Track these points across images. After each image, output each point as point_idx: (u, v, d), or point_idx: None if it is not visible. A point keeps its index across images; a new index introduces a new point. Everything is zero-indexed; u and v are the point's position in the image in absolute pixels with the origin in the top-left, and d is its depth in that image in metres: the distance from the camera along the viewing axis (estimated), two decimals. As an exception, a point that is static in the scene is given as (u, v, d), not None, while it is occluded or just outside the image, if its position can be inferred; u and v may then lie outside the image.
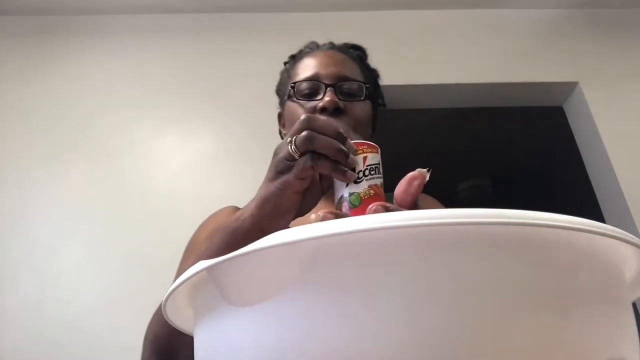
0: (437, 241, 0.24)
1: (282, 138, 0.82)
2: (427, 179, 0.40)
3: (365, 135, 0.76)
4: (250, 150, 1.66)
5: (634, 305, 1.42)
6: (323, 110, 0.69)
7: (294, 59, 0.85)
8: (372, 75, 0.85)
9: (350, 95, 0.74)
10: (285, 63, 0.88)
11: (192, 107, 1.76)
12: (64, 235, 1.54)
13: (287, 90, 0.78)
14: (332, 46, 0.82)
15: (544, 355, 0.23)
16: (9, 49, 1.88)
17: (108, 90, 1.81)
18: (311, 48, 0.83)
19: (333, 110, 0.69)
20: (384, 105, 0.87)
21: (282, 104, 0.83)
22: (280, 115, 0.86)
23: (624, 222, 1.69)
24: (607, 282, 0.27)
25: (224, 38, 1.95)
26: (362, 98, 0.74)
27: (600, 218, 1.78)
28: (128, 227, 1.55)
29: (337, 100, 0.70)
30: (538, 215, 0.24)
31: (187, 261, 0.63)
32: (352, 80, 0.75)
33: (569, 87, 1.96)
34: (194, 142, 1.68)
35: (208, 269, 0.27)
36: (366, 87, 0.75)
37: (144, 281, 1.42)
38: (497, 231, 0.24)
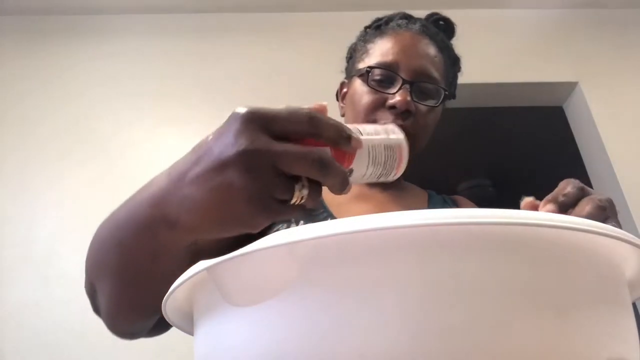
0: (437, 241, 0.24)
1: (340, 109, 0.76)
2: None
3: (426, 140, 0.72)
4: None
5: (634, 305, 1.42)
6: (392, 108, 0.65)
7: (378, 29, 0.75)
8: (453, 69, 0.78)
9: (425, 97, 0.68)
10: (366, 28, 0.79)
11: (192, 107, 1.76)
12: (64, 236, 1.54)
13: (358, 64, 0.73)
14: (422, 29, 0.73)
15: (544, 355, 0.23)
16: (9, 49, 1.88)
17: (108, 90, 1.81)
18: (399, 25, 0.73)
19: (403, 112, 0.65)
20: (454, 97, 0.80)
21: (349, 75, 0.77)
22: (343, 84, 0.79)
23: (624, 222, 1.69)
24: (607, 282, 0.27)
25: (224, 38, 1.95)
26: (436, 104, 0.69)
27: (600, 218, 1.77)
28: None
29: (409, 100, 0.65)
30: (538, 215, 0.24)
31: None
32: (432, 81, 0.69)
33: (569, 87, 1.96)
34: (194, 142, 1.68)
35: (208, 269, 0.27)
36: (445, 94, 0.69)
37: (144, 281, 1.42)
38: (497, 231, 0.24)
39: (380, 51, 0.70)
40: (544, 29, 2.05)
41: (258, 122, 0.30)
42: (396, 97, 0.65)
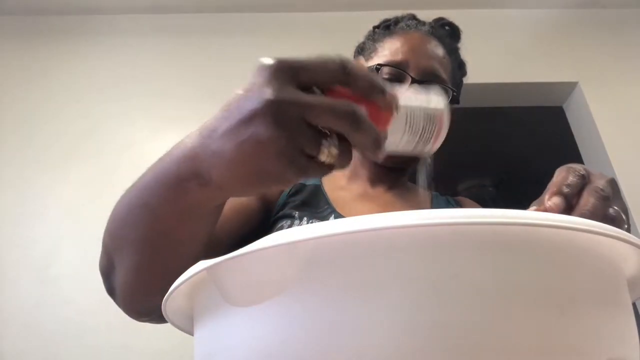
0: (437, 241, 0.24)
1: None
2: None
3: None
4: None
5: (634, 305, 1.42)
6: None
7: (388, 29, 0.76)
8: (459, 73, 0.79)
9: None
10: (375, 27, 0.79)
11: (192, 107, 1.76)
12: (63, 236, 1.54)
13: (366, 63, 0.73)
14: (431, 30, 0.74)
15: (544, 356, 0.23)
16: (9, 49, 1.88)
17: (108, 90, 1.81)
18: (408, 25, 0.74)
19: None
20: (458, 102, 0.81)
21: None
22: None
23: (624, 222, 1.69)
24: (607, 282, 0.27)
25: (224, 38, 1.95)
26: None
27: (600, 218, 1.77)
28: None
29: None
30: (538, 215, 0.24)
31: None
32: (441, 81, 0.69)
33: (569, 87, 1.96)
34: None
35: (208, 269, 0.27)
36: (453, 94, 0.69)
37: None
38: (498, 231, 0.24)
39: (389, 50, 0.70)
40: (544, 29, 2.05)
41: (286, 72, 0.29)
42: None
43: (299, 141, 0.29)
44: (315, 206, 0.67)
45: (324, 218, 0.64)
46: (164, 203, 0.36)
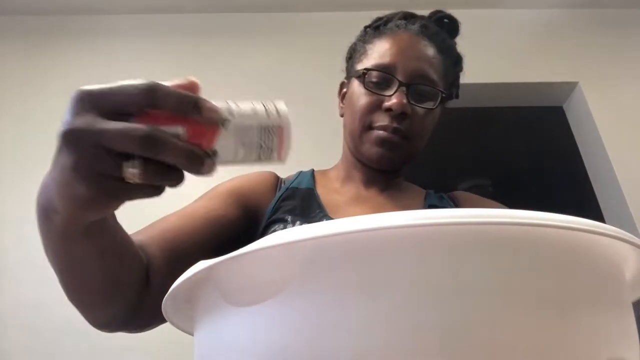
0: (437, 241, 0.24)
1: (340, 109, 0.77)
2: None
3: (424, 142, 0.71)
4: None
5: (634, 305, 1.42)
6: (388, 110, 0.65)
7: (377, 30, 0.75)
8: (455, 69, 0.77)
9: (423, 99, 0.68)
10: (366, 27, 0.79)
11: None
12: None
13: (356, 65, 0.73)
14: (421, 29, 0.72)
15: (544, 356, 0.23)
16: (9, 49, 1.88)
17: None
18: (398, 26, 0.73)
19: (399, 114, 0.65)
20: (457, 96, 0.80)
21: (348, 75, 0.76)
22: (342, 84, 0.79)
23: (624, 222, 1.69)
24: (607, 282, 0.27)
25: (224, 38, 1.95)
26: (434, 107, 0.68)
27: (600, 218, 1.78)
28: (126, 228, 1.55)
29: (405, 103, 0.65)
30: (538, 215, 0.24)
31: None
32: (429, 83, 0.68)
33: (569, 87, 1.96)
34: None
35: (208, 269, 0.27)
36: (442, 96, 0.69)
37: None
38: (498, 231, 0.24)
39: (377, 53, 0.70)
40: (543, 29, 2.05)
41: (87, 99, 0.30)
42: (392, 99, 0.65)
43: (98, 166, 0.30)
44: (308, 210, 0.67)
45: (316, 222, 0.64)
46: (44, 232, 0.38)
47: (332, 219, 0.65)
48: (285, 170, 0.86)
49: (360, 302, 0.23)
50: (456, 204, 0.76)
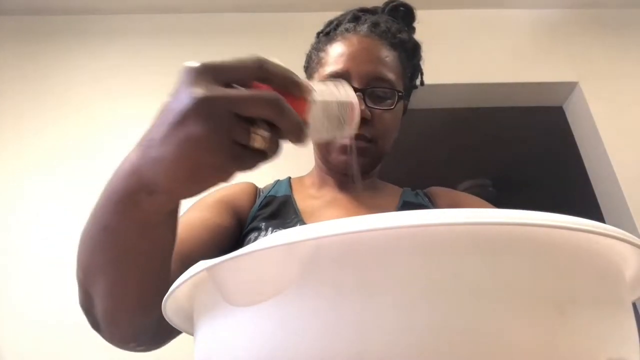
0: (437, 242, 0.24)
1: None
2: None
3: (391, 141, 0.72)
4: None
5: (634, 305, 1.42)
6: None
7: (328, 36, 0.75)
8: (412, 62, 0.76)
9: (381, 100, 0.68)
10: (318, 33, 0.79)
11: (192, 107, 1.76)
12: (64, 236, 1.54)
13: (313, 75, 0.73)
14: (371, 29, 0.71)
15: (544, 356, 0.23)
16: (9, 49, 1.88)
17: (108, 90, 1.81)
18: (347, 29, 0.72)
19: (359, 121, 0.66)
20: (422, 84, 0.81)
21: None
22: None
23: (624, 222, 1.69)
24: (607, 282, 0.27)
25: (224, 38, 1.95)
26: (393, 106, 0.68)
27: (600, 218, 1.78)
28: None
29: (364, 109, 0.65)
30: (538, 215, 0.24)
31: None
32: (385, 84, 0.68)
33: (569, 87, 1.96)
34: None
35: (208, 269, 0.27)
36: (399, 95, 0.69)
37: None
38: (497, 231, 0.24)
39: (330, 60, 0.70)
40: (544, 29, 2.05)
41: (209, 72, 0.32)
42: None
43: (231, 132, 0.31)
44: (284, 217, 0.68)
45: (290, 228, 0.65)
46: (120, 220, 0.37)
47: (306, 223, 0.66)
48: (287, 171, 0.86)
49: (360, 303, 0.23)
50: (431, 199, 0.77)
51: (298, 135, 0.34)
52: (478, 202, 0.74)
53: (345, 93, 0.40)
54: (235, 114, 0.31)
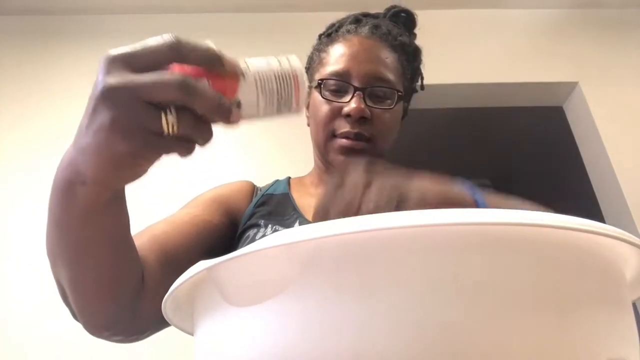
0: (437, 242, 0.24)
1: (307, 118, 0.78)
2: None
3: (390, 141, 0.72)
4: (249, 149, 1.66)
5: (634, 305, 1.42)
6: (347, 116, 0.66)
7: (329, 37, 0.76)
8: (412, 64, 0.77)
9: (381, 100, 0.68)
10: (320, 35, 0.80)
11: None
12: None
13: (315, 75, 0.74)
14: (372, 31, 0.72)
15: (544, 355, 0.23)
16: (9, 49, 1.88)
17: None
18: (349, 31, 0.73)
19: (358, 119, 0.65)
20: (422, 88, 0.81)
21: (309, 86, 0.76)
22: (308, 95, 0.79)
23: (624, 222, 1.69)
24: (607, 282, 0.27)
25: (224, 38, 1.95)
26: (392, 106, 0.69)
27: (600, 218, 1.78)
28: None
29: (363, 108, 0.65)
30: (538, 216, 0.24)
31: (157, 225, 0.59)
32: (385, 84, 0.68)
33: (569, 87, 1.96)
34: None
35: (208, 269, 0.27)
36: (398, 95, 0.69)
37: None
38: (498, 231, 0.24)
39: (331, 60, 0.71)
40: (544, 29, 2.05)
41: (120, 59, 0.32)
42: (350, 105, 0.66)
43: (137, 119, 0.31)
44: (282, 214, 0.68)
45: (289, 225, 0.65)
46: (64, 211, 0.38)
47: (306, 219, 0.66)
48: (288, 172, 0.86)
49: (360, 303, 0.23)
50: None
51: (221, 115, 0.32)
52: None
53: (287, 63, 0.35)
54: (143, 99, 0.30)
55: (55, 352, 1.38)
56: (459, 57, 1.94)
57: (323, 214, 0.37)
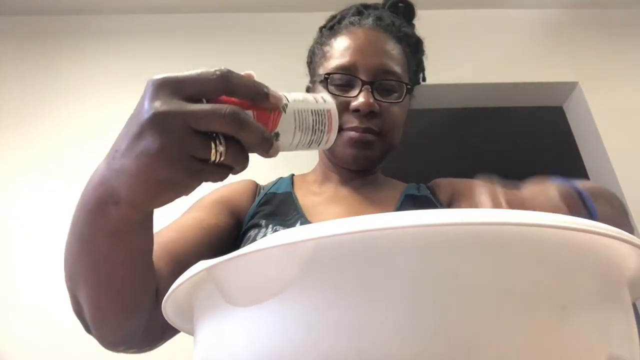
0: (437, 242, 0.24)
1: None
2: None
3: (398, 135, 0.71)
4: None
5: (634, 305, 1.42)
6: (355, 111, 0.65)
7: (332, 30, 0.74)
8: (416, 56, 0.76)
9: (388, 93, 0.67)
10: (321, 28, 0.78)
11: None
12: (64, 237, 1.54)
13: (318, 69, 0.72)
14: (376, 22, 0.70)
15: (544, 355, 0.23)
16: (9, 49, 1.88)
17: (107, 90, 1.81)
18: (352, 23, 0.72)
19: (367, 113, 0.64)
20: (424, 80, 0.81)
21: (312, 80, 0.75)
22: (308, 89, 0.78)
23: (624, 222, 1.69)
24: (607, 282, 0.27)
25: (224, 38, 1.95)
26: (401, 100, 0.68)
27: (600, 218, 1.77)
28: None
29: (372, 102, 0.64)
30: (538, 216, 0.24)
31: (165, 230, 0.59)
32: (393, 77, 0.67)
33: (569, 87, 1.96)
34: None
35: (208, 269, 0.27)
36: (407, 88, 0.68)
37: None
38: (498, 231, 0.24)
39: (336, 54, 0.69)
40: (544, 29, 2.05)
41: (169, 86, 0.32)
42: (358, 99, 0.64)
43: (187, 147, 0.31)
44: (284, 214, 0.67)
45: (290, 225, 0.64)
46: (92, 230, 0.38)
47: (307, 219, 0.65)
48: (290, 169, 0.86)
49: (360, 303, 0.23)
50: (433, 191, 0.75)
51: (263, 147, 0.33)
52: (477, 185, 0.74)
53: (323, 102, 0.38)
54: (192, 128, 0.31)
55: (56, 352, 1.38)
56: (459, 57, 1.94)
57: None
